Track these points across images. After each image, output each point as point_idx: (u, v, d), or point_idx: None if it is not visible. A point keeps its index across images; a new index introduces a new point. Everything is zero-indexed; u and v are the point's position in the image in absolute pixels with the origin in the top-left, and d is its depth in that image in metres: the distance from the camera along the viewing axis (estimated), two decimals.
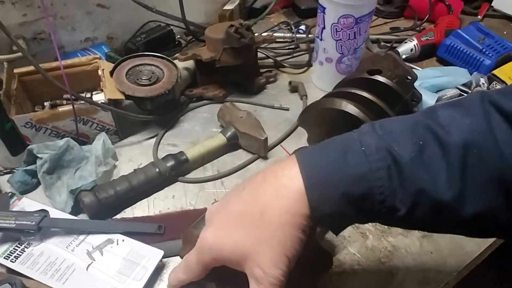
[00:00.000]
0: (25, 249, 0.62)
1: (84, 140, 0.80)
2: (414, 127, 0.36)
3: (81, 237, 0.64)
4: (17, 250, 0.62)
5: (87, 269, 0.60)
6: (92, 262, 0.61)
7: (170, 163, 0.74)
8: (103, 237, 0.64)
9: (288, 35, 1.15)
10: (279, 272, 0.36)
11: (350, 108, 0.63)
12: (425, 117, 0.37)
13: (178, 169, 0.75)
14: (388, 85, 0.70)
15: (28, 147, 0.72)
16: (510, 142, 0.33)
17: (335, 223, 0.42)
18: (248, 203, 0.39)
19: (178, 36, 1.12)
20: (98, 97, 0.85)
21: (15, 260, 0.60)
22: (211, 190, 0.75)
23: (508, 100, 0.34)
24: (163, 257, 0.62)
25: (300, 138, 0.86)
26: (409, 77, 0.74)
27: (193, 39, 1.10)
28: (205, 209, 0.70)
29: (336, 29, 0.86)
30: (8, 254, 0.61)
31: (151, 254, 0.62)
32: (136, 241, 0.64)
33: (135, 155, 0.82)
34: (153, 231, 0.66)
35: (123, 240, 0.64)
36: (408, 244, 0.66)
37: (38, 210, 0.65)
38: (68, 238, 0.63)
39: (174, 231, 0.66)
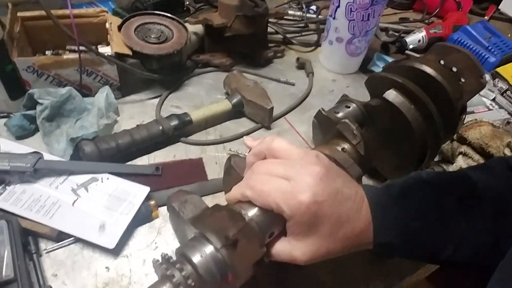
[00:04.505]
0: (6, 187, 0.60)
1: (86, 92, 0.78)
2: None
3: (64, 175, 0.63)
4: None
5: (73, 205, 0.59)
6: (77, 198, 0.60)
7: (174, 122, 0.73)
8: (87, 176, 0.63)
9: (298, 13, 1.14)
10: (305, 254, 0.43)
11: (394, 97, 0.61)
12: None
13: (181, 130, 0.74)
14: (446, 90, 0.61)
15: (29, 91, 0.70)
16: None
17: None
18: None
19: (187, 3, 1.10)
20: (104, 50, 0.83)
21: None
22: (213, 154, 0.74)
23: None
24: (161, 205, 0.62)
25: (304, 113, 0.86)
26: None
27: (203, 6, 1.08)
28: (200, 159, 0.71)
29: (350, 8, 0.85)
30: None
31: (137, 191, 0.62)
32: (121, 179, 0.63)
33: (137, 113, 0.80)
34: (151, 172, 0.66)
35: (107, 178, 0.63)
36: None
37: (31, 152, 0.63)
38: (51, 178, 0.62)
39: (171, 178, 0.66)
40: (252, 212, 0.44)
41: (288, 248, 0.44)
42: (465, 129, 0.76)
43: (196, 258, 0.43)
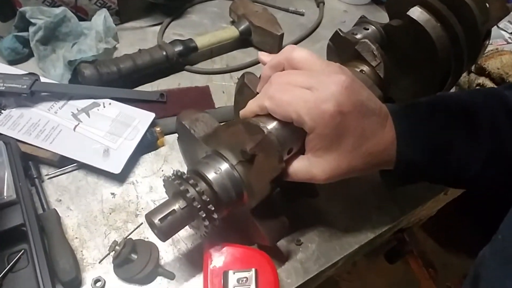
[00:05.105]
0: (2, 111, 0.57)
1: (82, 16, 0.72)
2: None
3: (64, 100, 0.59)
4: None
5: (74, 130, 0.56)
6: (79, 123, 0.57)
7: (178, 48, 0.68)
8: (88, 101, 0.60)
9: None
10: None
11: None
12: None
13: (186, 56, 0.69)
14: (473, 11, 0.56)
15: (20, 9, 0.64)
16: None
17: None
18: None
19: None
20: None
21: None
22: (219, 83, 0.70)
23: None
24: (167, 133, 0.59)
25: (314, 44, 0.81)
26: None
27: None
28: (206, 87, 0.67)
29: None
30: None
31: (142, 116, 0.59)
32: (124, 104, 0.60)
33: (137, 40, 0.75)
34: (155, 99, 0.62)
35: (110, 103, 0.60)
36: None
37: (27, 73, 0.59)
38: (50, 102, 0.59)
39: (177, 106, 0.63)
40: (271, 125, 0.41)
41: (306, 166, 0.42)
42: (484, 59, 0.72)
43: (211, 175, 0.40)
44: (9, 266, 0.44)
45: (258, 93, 0.46)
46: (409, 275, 1.28)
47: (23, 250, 0.45)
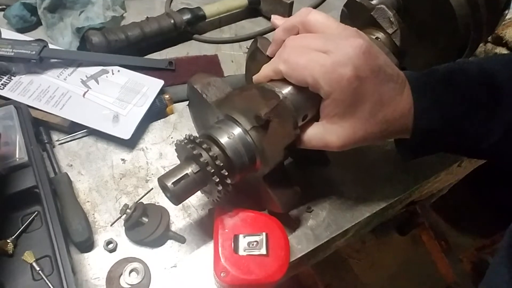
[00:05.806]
0: (12, 78, 0.56)
1: None
2: None
3: (72, 67, 0.59)
4: (2, 78, 0.56)
5: (83, 96, 0.56)
6: (88, 90, 0.57)
7: (186, 16, 0.67)
8: (96, 68, 0.59)
9: None
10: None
11: None
12: None
13: (194, 25, 0.68)
14: None
15: None
16: None
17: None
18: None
19: None
20: None
21: (4, 88, 0.55)
22: (228, 52, 0.69)
23: None
24: (176, 101, 0.59)
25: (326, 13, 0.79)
26: None
27: None
28: (215, 56, 0.66)
29: None
30: None
31: (151, 83, 0.58)
32: (133, 72, 0.60)
33: (144, 9, 0.74)
34: (164, 67, 0.62)
35: (118, 71, 0.60)
36: None
37: (35, 39, 0.58)
38: (59, 69, 0.58)
39: (185, 74, 0.62)
40: (286, 90, 0.40)
41: (321, 132, 0.41)
42: (502, 28, 0.70)
43: (224, 139, 0.40)
44: (23, 226, 0.44)
45: (268, 55, 0.45)
46: (419, 254, 1.28)
47: (36, 212, 0.46)
